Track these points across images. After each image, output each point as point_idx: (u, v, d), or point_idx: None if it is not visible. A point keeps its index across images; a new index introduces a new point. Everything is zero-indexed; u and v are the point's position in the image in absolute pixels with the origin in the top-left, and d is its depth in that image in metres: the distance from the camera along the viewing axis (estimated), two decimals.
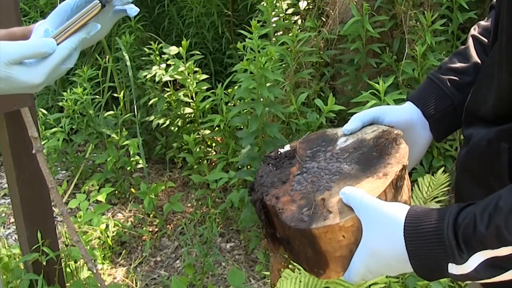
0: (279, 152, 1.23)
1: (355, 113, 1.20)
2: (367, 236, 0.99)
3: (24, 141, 2.33)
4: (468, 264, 0.91)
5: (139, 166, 3.54)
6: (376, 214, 0.98)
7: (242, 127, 3.16)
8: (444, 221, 0.92)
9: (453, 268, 0.92)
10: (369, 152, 1.15)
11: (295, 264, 2.22)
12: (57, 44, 1.01)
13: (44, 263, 2.56)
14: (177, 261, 3.19)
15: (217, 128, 3.35)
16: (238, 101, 3.26)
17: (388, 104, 2.57)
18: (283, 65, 2.99)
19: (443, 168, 2.87)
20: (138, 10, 1.09)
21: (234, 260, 3.12)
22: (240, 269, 3.03)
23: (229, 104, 3.28)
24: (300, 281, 2.40)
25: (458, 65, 1.26)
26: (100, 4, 1.06)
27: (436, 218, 0.94)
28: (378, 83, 2.63)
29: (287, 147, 1.25)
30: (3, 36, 1.15)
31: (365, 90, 2.86)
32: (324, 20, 3.39)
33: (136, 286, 2.98)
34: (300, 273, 2.44)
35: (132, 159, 3.45)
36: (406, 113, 1.25)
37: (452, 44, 3.23)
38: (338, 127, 1.27)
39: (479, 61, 1.24)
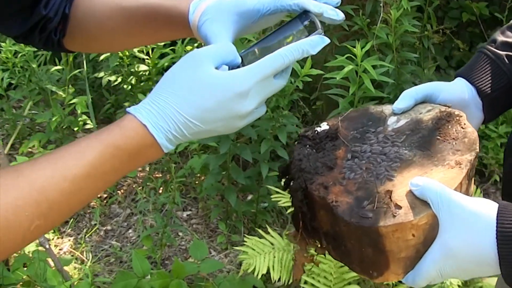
0: (316, 132, 1.07)
1: (329, 78, 1.05)
2: (447, 236, 0.87)
3: None
4: None
5: (87, 126, 3.28)
6: (460, 211, 0.86)
7: None
8: None
9: None
10: (431, 136, 1.01)
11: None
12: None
13: None
14: (130, 231, 2.99)
15: None
16: None
17: (366, 71, 2.44)
18: None
19: None
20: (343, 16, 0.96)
21: (192, 230, 2.95)
22: (200, 240, 2.87)
23: None
24: (274, 257, 2.28)
25: None
26: (321, 36, 0.91)
27: None
28: (354, 47, 2.48)
29: (325, 126, 1.08)
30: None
31: (334, 53, 2.72)
32: None
33: (87, 258, 2.76)
34: (273, 248, 2.31)
35: (79, 118, 3.18)
36: (460, 91, 1.13)
37: (423, 10, 3.15)
38: (382, 104, 1.12)
39: None
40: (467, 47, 3.49)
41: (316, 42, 0.89)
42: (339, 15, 0.93)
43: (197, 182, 3.09)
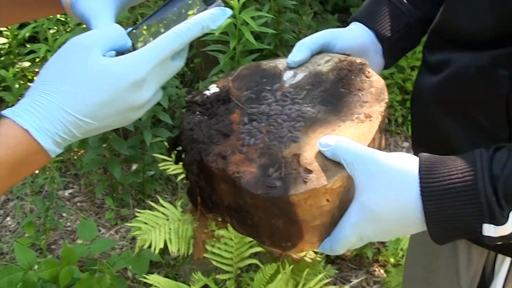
0: (205, 96, 0.95)
1: (207, 34, 0.96)
2: (366, 197, 0.78)
3: None
4: (510, 223, 0.73)
5: None
6: (378, 169, 0.78)
7: None
8: (477, 172, 0.74)
9: (490, 230, 0.74)
10: (334, 89, 0.92)
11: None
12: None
13: None
14: (8, 218, 2.74)
15: (37, 59, 2.87)
16: (62, 26, 2.81)
17: (245, 23, 2.33)
18: None
19: None
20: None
21: (77, 209, 2.76)
22: (87, 218, 2.68)
23: (52, 30, 2.80)
24: (170, 229, 2.16)
25: None
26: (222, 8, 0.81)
27: (463, 169, 0.75)
28: None
29: (214, 88, 0.97)
30: None
31: None
32: None
33: None
34: (168, 220, 2.19)
35: None
36: (358, 36, 1.05)
37: None
38: (274, 58, 1.02)
39: None
40: None
41: (217, 16, 0.78)
42: None
43: (76, 157, 2.88)
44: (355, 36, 1.03)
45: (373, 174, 0.77)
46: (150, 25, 0.82)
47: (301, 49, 0.96)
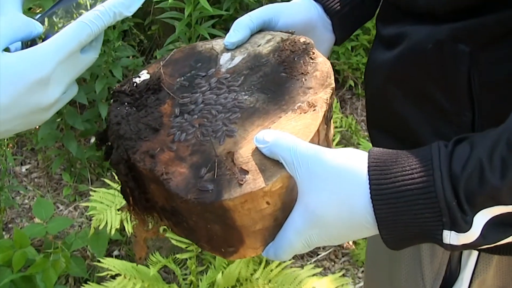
0: (134, 84, 0.85)
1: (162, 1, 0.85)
2: (309, 200, 0.69)
3: None
4: (474, 230, 0.64)
5: None
6: (322, 168, 0.68)
7: None
8: (434, 172, 0.64)
9: (452, 237, 0.65)
10: (275, 73, 0.83)
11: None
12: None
13: None
14: None
15: None
16: None
17: None
18: None
19: None
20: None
21: (34, 185, 2.64)
22: (44, 196, 2.58)
23: None
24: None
25: None
26: None
27: (418, 167, 0.65)
28: None
29: (145, 75, 0.87)
30: None
31: None
32: None
33: None
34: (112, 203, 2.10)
35: None
36: (304, 11, 0.95)
37: None
38: (211, 39, 0.92)
39: None
40: None
41: (131, 1, 0.70)
42: None
43: (32, 132, 2.76)
44: (300, 11, 0.93)
45: (316, 174, 0.68)
46: (60, 11, 0.73)
47: (239, 28, 0.86)
